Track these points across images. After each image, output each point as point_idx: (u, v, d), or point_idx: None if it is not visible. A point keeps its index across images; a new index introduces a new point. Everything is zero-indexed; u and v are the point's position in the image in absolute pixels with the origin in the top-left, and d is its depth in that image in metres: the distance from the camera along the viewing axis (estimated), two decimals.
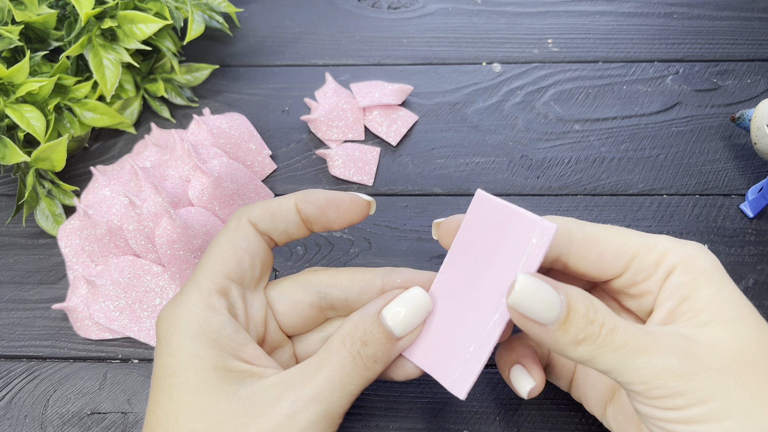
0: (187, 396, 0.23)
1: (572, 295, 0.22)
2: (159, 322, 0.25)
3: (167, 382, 0.23)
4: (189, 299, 0.25)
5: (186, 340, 0.24)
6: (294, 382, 0.23)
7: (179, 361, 0.24)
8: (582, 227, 0.25)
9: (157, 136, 0.43)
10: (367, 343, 0.24)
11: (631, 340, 0.21)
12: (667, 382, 0.21)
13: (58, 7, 0.42)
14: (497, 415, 0.32)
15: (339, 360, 0.24)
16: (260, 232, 0.27)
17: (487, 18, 0.50)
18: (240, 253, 0.26)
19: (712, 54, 0.47)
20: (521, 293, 0.22)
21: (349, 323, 0.25)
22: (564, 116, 0.44)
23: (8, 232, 0.41)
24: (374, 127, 0.43)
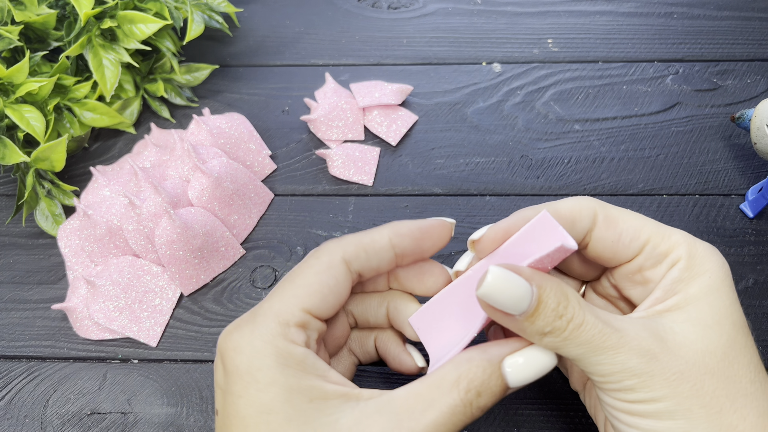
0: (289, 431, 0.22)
1: (545, 288, 0.22)
2: (234, 351, 0.23)
3: (263, 419, 0.22)
4: (268, 329, 0.23)
5: (276, 374, 0.22)
6: (399, 416, 0.22)
7: (274, 397, 0.22)
8: (604, 208, 0.25)
9: (156, 136, 0.43)
10: (482, 394, 0.23)
11: (597, 338, 0.22)
12: (623, 378, 0.22)
13: (57, 7, 0.42)
14: (497, 415, 0.32)
15: (450, 406, 0.23)
16: (352, 270, 0.26)
17: (487, 18, 0.50)
18: (326, 291, 0.25)
19: (712, 54, 0.47)
20: (491, 286, 0.22)
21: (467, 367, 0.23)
22: (564, 116, 0.44)
23: (8, 232, 0.41)
24: (374, 127, 0.43)
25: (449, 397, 0.22)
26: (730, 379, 0.22)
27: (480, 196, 0.40)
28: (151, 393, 0.34)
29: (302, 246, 0.39)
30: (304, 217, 0.40)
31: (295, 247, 0.39)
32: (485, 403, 0.23)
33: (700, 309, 0.23)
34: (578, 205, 0.25)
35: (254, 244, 0.39)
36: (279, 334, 0.23)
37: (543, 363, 0.24)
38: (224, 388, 0.23)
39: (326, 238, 0.39)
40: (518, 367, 0.23)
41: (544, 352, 0.24)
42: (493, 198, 0.40)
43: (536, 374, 0.24)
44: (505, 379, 0.23)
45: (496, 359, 0.23)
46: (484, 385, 0.23)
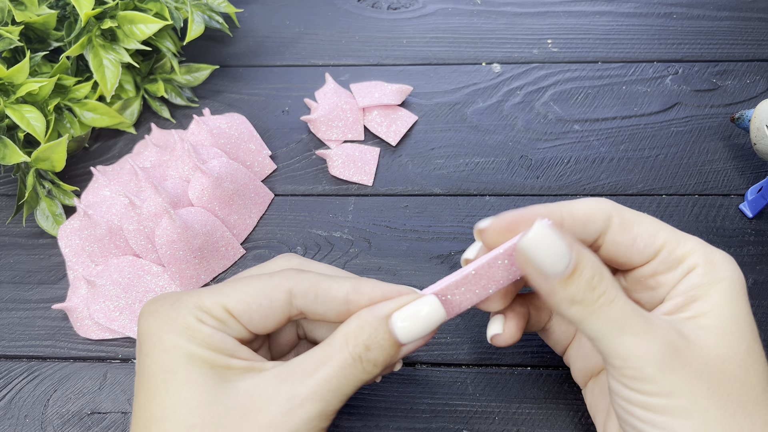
0: (186, 391, 0.23)
1: (583, 257, 0.22)
2: (149, 316, 0.25)
3: (163, 377, 0.23)
4: (186, 308, 0.24)
5: (182, 341, 0.23)
6: (293, 376, 0.23)
7: (176, 358, 0.23)
8: (619, 212, 0.25)
9: (157, 137, 0.43)
10: (371, 347, 0.24)
11: (625, 318, 0.22)
12: (644, 365, 0.22)
13: (58, 8, 0.42)
14: (497, 415, 0.32)
15: (340, 361, 0.24)
16: (293, 305, 0.25)
17: (487, 18, 0.50)
18: (254, 307, 0.25)
19: (711, 54, 0.47)
20: (534, 238, 0.22)
21: (355, 322, 0.24)
22: (563, 116, 0.44)
23: (8, 232, 0.41)
24: (374, 127, 0.43)
25: (339, 354, 0.24)
26: (745, 386, 0.22)
27: (480, 196, 0.40)
28: None
29: (302, 246, 0.39)
30: (304, 217, 0.40)
31: (295, 247, 0.39)
32: (375, 358, 0.24)
33: (721, 315, 0.23)
34: (593, 207, 0.25)
35: (254, 244, 0.39)
36: (192, 314, 0.24)
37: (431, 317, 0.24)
38: (138, 347, 0.25)
39: (326, 238, 0.39)
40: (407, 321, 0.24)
41: (431, 306, 0.24)
42: (493, 198, 0.40)
43: (425, 329, 0.24)
44: (394, 334, 0.24)
45: (384, 314, 0.24)
46: (371, 338, 0.24)
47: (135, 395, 0.24)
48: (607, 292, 0.22)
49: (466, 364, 0.34)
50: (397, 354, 0.25)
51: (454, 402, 0.33)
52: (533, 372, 0.33)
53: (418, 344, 0.25)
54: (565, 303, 0.23)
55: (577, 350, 0.29)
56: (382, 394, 0.33)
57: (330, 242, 0.39)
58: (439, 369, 0.34)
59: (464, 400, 0.33)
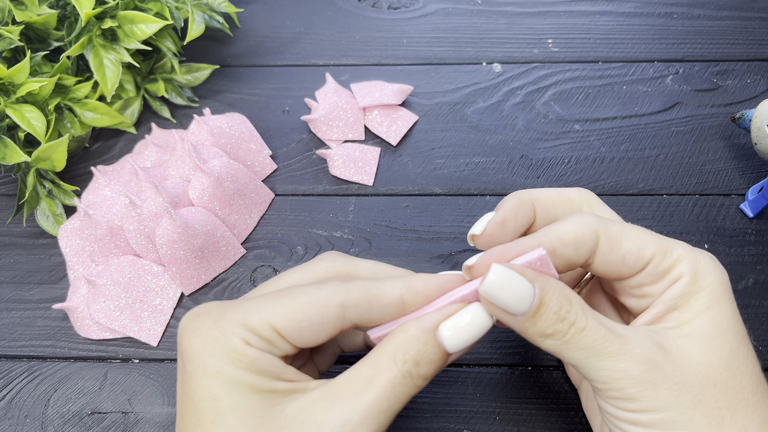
0: (233, 419, 0.22)
1: (547, 290, 0.23)
2: (191, 335, 0.23)
3: (209, 404, 0.22)
4: (231, 327, 0.23)
5: (226, 365, 0.22)
6: (341, 399, 0.22)
7: (221, 384, 0.22)
8: (606, 229, 0.25)
9: (157, 136, 0.43)
10: (420, 363, 0.23)
11: (599, 343, 0.22)
12: (625, 386, 0.22)
13: (58, 7, 0.42)
14: (497, 415, 0.32)
15: (389, 380, 0.23)
16: (346, 318, 0.24)
17: (487, 18, 0.50)
18: (304, 325, 0.23)
19: (712, 54, 0.47)
20: (493, 283, 0.22)
21: (402, 337, 0.23)
22: (564, 116, 0.44)
23: (9, 232, 0.41)
24: (374, 127, 0.43)
25: (388, 371, 0.23)
26: (732, 390, 0.22)
27: (480, 196, 0.40)
28: (152, 393, 0.34)
29: (303, 246, 0.39)
30: (305, 216, 0.40)
31: (295, 247, 0.39)
32: (425, 372, 0.23)
33: (702, 322, 0.23)
34: (580, 230, 0.25)
35: (255, 244, 0.39)
36: (238, 335, 0.23)
37: (479, 325, 0.24)
38: (180, 365, 0.24)
39: (326, 237, 0.39)
40: (455, 331, 0.23)
41: (477, 314, 0.24)
42: (493, 198, 0.40)
43: (473, 337, 0.24)
44: (443, 345, 0.23)
45: (431, 326, 0.23)
46: (420, 353, 0.23)
47: (179, 416, 0.24)
48: (577, 320, 0.23)
49: (467, 364, 0.34)
50: (446, 364, 0.24)
51: (455, 402, 0.33)
52: (533, 372, 0.33)
53: (465, 351, 0.24)
54: (538, 338, 0.23)
55: None
56: None
57: (330, 242, 0.39)
58: None
59: (465, 399, 0.33)
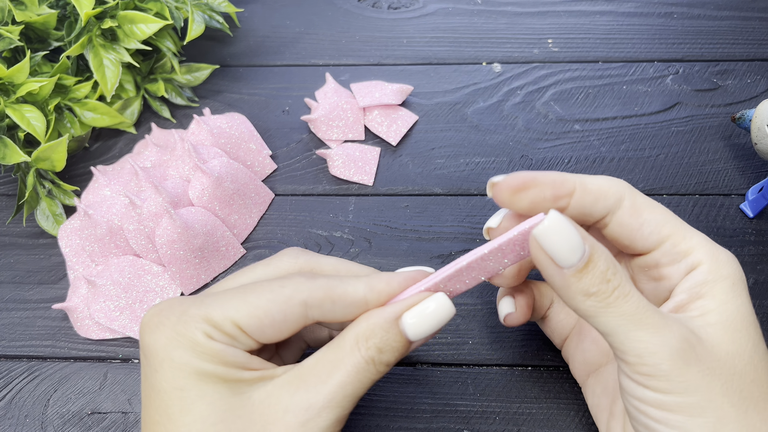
0: (201, 408, 0.22)
1: (596, 250, 0.22)
2: (154, 330, 0.23)
3: (176, 395, 0.23)
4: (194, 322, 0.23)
5: (192, 358, 0.23)
6: (306, 383, 0.23)
7: (187, 375, 0.23)
8: (633, 195, 0.25)
9: (157, 136, 0.43)
10: (383, 350, 0.23)
11: (640, 312, 0.22)
12: (660, 362, 0.21)
13: (58, 7, 0.42)
14: (497, 415, 0.32)
15: (353, 365, 0.23)
16: (309, 316, 0.24)
17: (487, 18, 0.50)
18: (267, 322, 0.23)
19: (712, 54, 0.47)
20: (549, 227, 0.22)
21: (365, 324, 0.24)
22: (564, 116, 0.44)
23: (8, 232, 0.41)
24: (374, 127, 0.43)
25: (352, 357, 0.23)
26: (755, 383, 0.22)
27: (480, 196, 0.40)
28: None
29: (302, 246, 0.39)
30: (305, 216, 0.40)
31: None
32: (388, 359, 0.24)
33: (728, 312, 0.23)
34: (607, 185, 0.25)
35: (255, 244, 0.39)
36: (201, 330, 0.23)
37: (440, 314, 0.24)
38: (143, 360, 0.24)
39: (326, 237, 0.39)
40: (417, 320, 0.24)
41: (440, 303, 0.24)
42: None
43: (435, 326, 0.24)
44: (405, 333, 0.24)
45: (394, 315, 0.24)
46: (383, 341, 0.23)
47: (144, 409, 0.24)
48: (621, 285, 0.22)
49: (467, 364, 0.34)
50: (408, 351, 0.25)
51: (455, 402, 0.33)
52: (533, 372, 0.33)
53: (427, 339, 0.25)
54: (579, 296, 0.22)
55: (577, 343, 0.30)
56: (382, 394, 0.33)
57: (330, 242, 0.39)
58: (440, 369, 0.34)
59: (465, 400, 0.33)
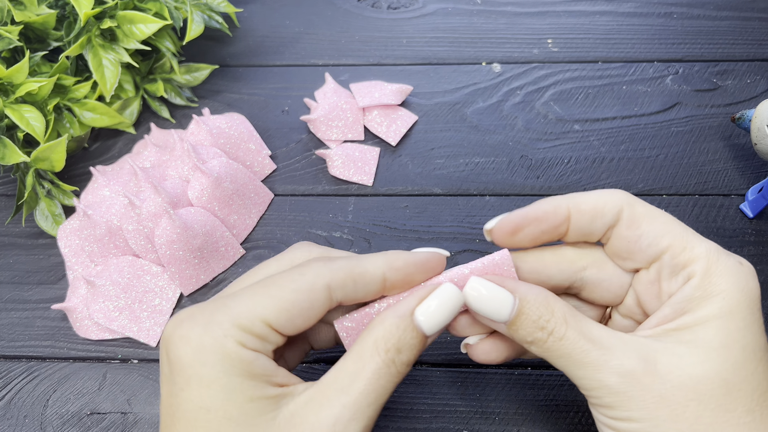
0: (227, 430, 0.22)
1: (527, 300, 0.24)
2: (180, 344, 0.23)
3: (202, 416, 0.22)
4: (222, 329, 0.22)
5: (220, 373, 0.22)
6: (329, 396, 0.23)
7: (214, 394, 0.22)
8: (632, 206, 0.25)
9: (156, 137, 0.43)
10: (402, 350, 0.23)
11: (577, 352, 0.23)
12: (603, 395, 0.23)
13: (57, 8, 0.42)
14: (497, 416, 0.32)
15: (373, 371, 0.23)
16: (333, 299, 0.24)
17: (487, 18, 0.50)
18: (296, 312, 0.23)
19: (711, 54, 0.47)
20: (471, 293, 0.24)
21: (381, 328, 0.23)
22: (564, 116, 0.44)
23: (8, 232, 0.41)
24: (374, 127, 0.43)
25: (371, 363, 0.23)
26: (722, 408, 0.21)
27: (480, 196, 0.40)
28: (151, 393, 0.34)
29: None
30: (304, 217, 0.40)
31: None
32: (407, 358, 0.24)
33: (707, 331, 0.22)
34: (602, 201, 0.25)
35: (254, 244, 0.39)
36: (231, 337, 0.22)
37: (451, 304, 0.24)
38: (168, 376, 0.23)
39: (326, 238, 0.39)
40: (430, 314, 0.24)
41: (449, 293, 0.24)
42: (493, 198, 0.40)
43: (448, 317, 0.24)
44: (421, 329, 0.24)
45: (407, 313, 0.24)
46: (401, 341, 0.23)
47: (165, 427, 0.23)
48: (555, 330, 0.23)
49: (467, 365, 0.34)
50: (425, 345, 0.25)
51: (455, 402, 0.33)
52: (533, 372, 0.33)
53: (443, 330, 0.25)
54: (522, 343, 0.24)
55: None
56: None
57: (330, 242, 0.39)
58: (440, 369, 0.34)
59: (464, 400, 0.33)
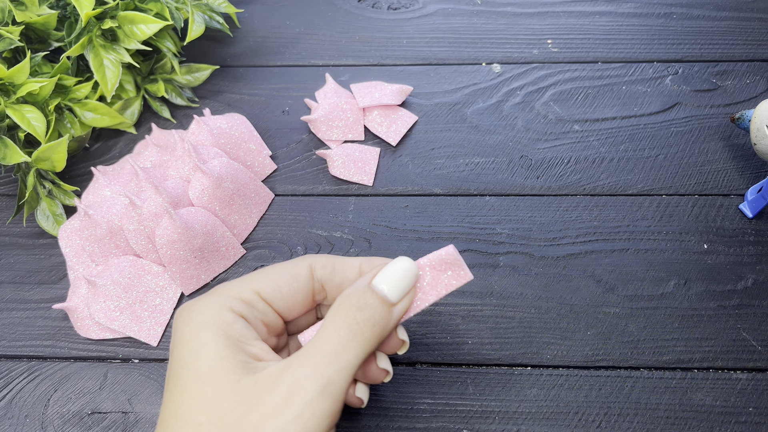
0: (194, 387, 0.23)
1: None
2: (178, 315, 0.26)
3: (179, 374, 0.24)
4: (212, 298, 0.26)
5: (198, 330, 0.24)
6: (291, 364, 0.24)
7: (190, 352, 0.24)
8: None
9: (157, 137, 0.43)
10: (362, 308, 0.25)
11: None
12: None
13: (58, 8, 0.42)
14: (497, 415, 0.32)
15: (333, 331, 0.24)
16: (315, 277, 0.28)
17: (487, 18, 0.50)
18: (281, 282, 0.27)
19: (711, 54, 0.47)
20: None
21: (342, 295, 0.26)
22: (563, 116, 0.44)
23: (9, 232, 0.41)
24: (374, 128, 0.43)
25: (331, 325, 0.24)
26: None
27: (480, 196, 0.40)
28: (152, 392, 0.34)
29: (302, 246, 0.39)
30: (305, 217, 0.40)
31: (295, 247, 0.39)
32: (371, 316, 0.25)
33: None
34: None
35: (254, 244, 0.39)
36: (220, 304, 0.25)
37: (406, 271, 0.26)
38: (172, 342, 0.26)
39: (326, 238, 0.39)
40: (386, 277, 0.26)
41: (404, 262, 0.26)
42: (493, 198, 0.40)
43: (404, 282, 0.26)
44: (379, 290, 0.26)
45: (366, 281, 0.26)
46: (361, 301, 0.25)
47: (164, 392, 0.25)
48: None
49: (466, 364, 0.34)
50: (391, 313, 0.26)
51: (454, 402, 0.33)
52: (533, 372, 0.33)
53: (407, 304, 0.26)
54: None
55: None
56: (382, 394, 0.33)
57: (330, 242, 0.39)
58: (440, 369, 0.34)
59: (464, 399, 0.33)
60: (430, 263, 0.28)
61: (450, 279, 0.27)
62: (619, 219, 0.39)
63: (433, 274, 0.28)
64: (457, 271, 0.27)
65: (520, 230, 0.39)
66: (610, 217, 0.39)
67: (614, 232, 0.38)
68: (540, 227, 0.39)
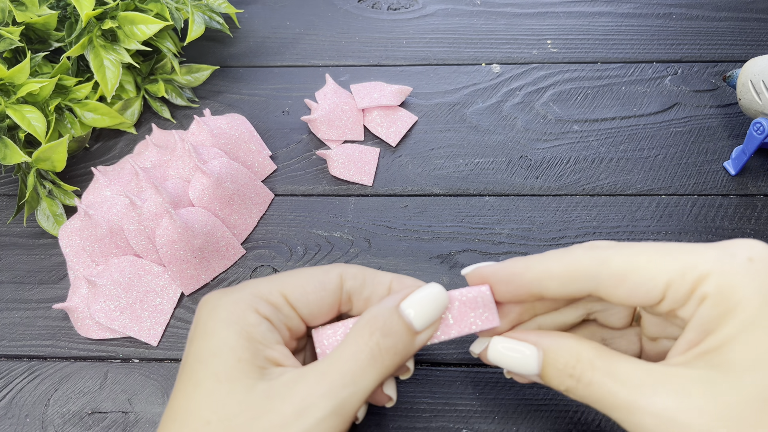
0: (209, 385, 0.23)
1: (550, 351, 0.24)
2: (203, 304, 0.26)
3: (195, 368, 0.24)
4: (239, 295, 0.25)
5: (221, 327, 0.24)
6: (307, 376, 0.23)
7: (210, 348, 0.24)
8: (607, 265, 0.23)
9: (157, 137, 0.43)
10: (387, 334, 0.24)
11: (606, 397, 0.23)
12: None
13: (58, 8, 0.42)
14: (497, 415, 0.32)
15: (354, 353, 0.23)
16: (344, 288, 0.27)
17: (487, 19, 0.50)
18: (309, 288, 0.26)
19: (710, 54, 0.47)
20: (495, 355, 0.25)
21: (368, 315, 0.25)
22: (563, 117, 0.44)
23: (9, 232, 0.41)
24: (374, 128, 0.43)
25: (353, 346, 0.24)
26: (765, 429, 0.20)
27: (479, 197, 0.41)
28: (152, 392, 0.34)
29: (302, 246, 0.39)
30: (304, 217, 0.40)
31: (295, 247, 0.39)
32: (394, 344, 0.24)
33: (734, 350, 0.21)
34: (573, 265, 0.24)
35: (254, 244, 0.39)
36: (245, 302, 0.25)
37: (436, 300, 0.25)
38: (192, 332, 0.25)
39: (326, 237, 0.39)
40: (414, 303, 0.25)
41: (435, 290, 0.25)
42: (493, 198, 0.40)
43: (432, 311, 0.25)
44: (408, 320, 0.25)
45: (393, 303, 0.25)
46: (387, 326, 0.24)
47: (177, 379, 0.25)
48: (582, 376, 0.23)
49: (466, 364, 0.34)
50: (414, 342, 0.25)
51: (454, 401, 0.33)
52: None
53: (431, 333, 0.25)
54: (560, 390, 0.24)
55: None
56: None
57: (330, 242, 0.39)
58: (439, 369, 0.34)
59: (464, 399, 0.33)
60: (460, 297, 0.26)
61: (476, 319, 0.26)
62: (619, 219, 0.39)
63: (461, 310, 0.26)
64: (485, 313, 0.26)
65: (519, 230, 0.39)
66: (609, 217, 0.39)
67: (614, 232, 0.38)
68: (539, 227, 0.39)
